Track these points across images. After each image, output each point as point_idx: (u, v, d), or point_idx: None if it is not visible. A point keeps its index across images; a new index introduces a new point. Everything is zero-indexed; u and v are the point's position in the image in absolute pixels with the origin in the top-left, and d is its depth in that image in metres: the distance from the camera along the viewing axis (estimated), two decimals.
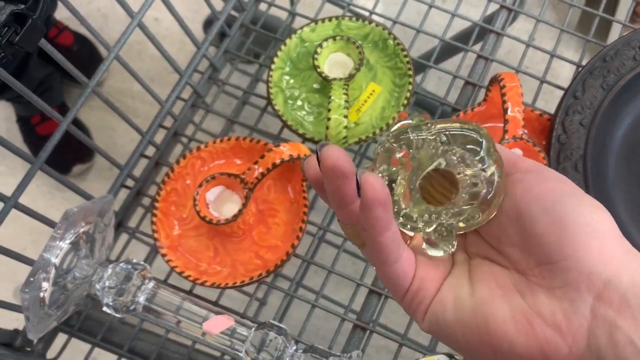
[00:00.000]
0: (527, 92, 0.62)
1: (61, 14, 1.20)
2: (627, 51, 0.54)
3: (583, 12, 0.66)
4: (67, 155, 1.12)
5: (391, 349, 0.54)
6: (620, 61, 0.54)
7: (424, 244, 0.30)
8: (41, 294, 0.44)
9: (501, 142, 0.51)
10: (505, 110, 0.51)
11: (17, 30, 0.28)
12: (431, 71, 0.64)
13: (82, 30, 1.23)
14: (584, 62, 0.59)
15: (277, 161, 0.50)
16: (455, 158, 0.29)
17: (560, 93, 0.56)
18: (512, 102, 0.51)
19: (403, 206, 0.30)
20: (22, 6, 0.28)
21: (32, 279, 0.43)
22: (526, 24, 1.16)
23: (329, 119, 0.52)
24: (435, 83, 1.16)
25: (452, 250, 0.30)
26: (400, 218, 0.30)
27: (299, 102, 0.59)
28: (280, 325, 0.49)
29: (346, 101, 0.53)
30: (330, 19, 0.61)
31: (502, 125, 0.52)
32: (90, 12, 1.27)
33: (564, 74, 1.12)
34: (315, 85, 0.60)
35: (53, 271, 0.45)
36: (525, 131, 0.52)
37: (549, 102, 1.05)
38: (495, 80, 0.53)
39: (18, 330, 0.53)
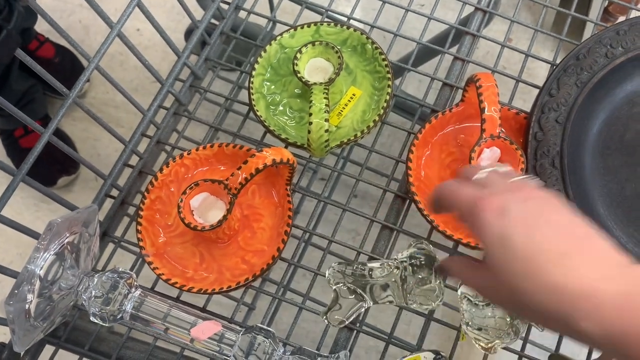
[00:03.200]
0: (505, 92, 0.63)
1: (42, 26, 1.20)
2: (599, 49, 0.56)
3: (558, 12, 0.68)
4: (53, 167, 1.12)
5: (380, 349, 0.54)
6: (593, 59, 0.55)
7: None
8: (26, 306, 0.44)
9: (479, 141, 0.52)
10: (482, 110, 0.52)
11: None
12: (412, 73, 0.65)
13: (64, 42, 1.23)
14: (558, 61, 0.60)
15: (260, 166, 0.51)
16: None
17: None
18: (489, 101, 0.52)
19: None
20: None
21: (16, 291, 0.43)
22: (503, 25, 1.18)
23: (310, 123, 0.53)
24: (416, 86, 1.17)
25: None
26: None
27: (281, 108, 0.60)
28: (268, 328, 0.49)
29: (327, 105, 0.54)
30: (309, 25, 0.61)
31: (479, 124, 0.53)
32: (71, 24, 1.27)
33: (541, 73, 1.14)
34: (296, 91, 0.60)
35: (38, 282, 0.45)
36: (503, 130, 0.53)
37: (527, 101, 1.07)
38: (471, 80, 0.54)
39: (4, 344, 0.53)
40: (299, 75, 0.56)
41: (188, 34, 1.16)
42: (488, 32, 0.67)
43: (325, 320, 0.51)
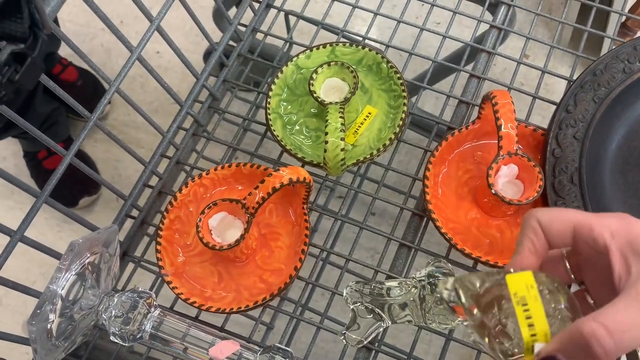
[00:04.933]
0: (523, 108, 0.63)
1: (65, 50, 1.23)
2: (616, 64, 0.55)
3: (575, 28, 0.68)
4: (74, 188, 1.14)
5: None
6: (610, 74, 0.55)
7: None
8: (48, 326, 0.45)
9: (496, 158, 0.52)
10: (498, 127, 0.52)
11: (17, 69, 0.30)
12: (429, 91, 0.65)
13: (87, 65, 1.26)
14: (575, 77, 0.60)
15: (277, 185, 0.51)
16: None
17: None
18: (505, 118, 0.52)
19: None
20: (22, 45, 0.30)
21: (38, 310, 0.43)
22: (519, 41, 1.18)
23: (326, 142, 0.54)
24: (433, 103, 1.17)
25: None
26: None
27: (297, 127, 0.61)
28: (286, 348, 0.49)
29: (342, 124, 0.54)
30: (324, 45, 0.62)
31: (496, 142, 0.53)
32: (94, 48, 1.30)
33: (559, 89, 1.13)
34: (312, 110, 0.61)
35: (59, 302, 0.45)
36: (520, 147, 0.53)
37: (546, 117, 1.06)
38: (487, 98, 0.54)
39: None
40: (315, 95, 0.57)
41: (206, 55, 1.18)
42: (505, 49, 0.67)
43: (344, 340, 0.51)
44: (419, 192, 0.59)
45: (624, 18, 0.95)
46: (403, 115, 0.57)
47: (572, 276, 0.38)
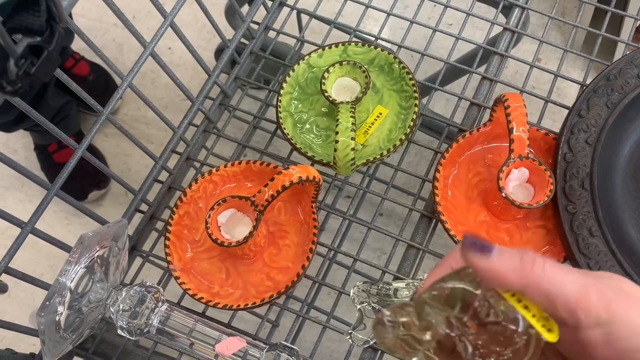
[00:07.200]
0: (534, 112, 0.63)
1: (78, 44, 1.23)
2: (631, 69, 0.55)
3: (588, 32, 0.67)
4: (84, 182, 1.15)
5: None
6: (624, 79, 0.55)
7: None
8: (57, 318, 0.45)
9: (507, 161, 0.52)
10: (510, 130, 0.52)
11: (33, 62, 0.30)
12: (439, 92, 0.65)
13: (98, 60, 1.27)
14: (588, 81, 0.60)
15: (287, 183, 0.51)
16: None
17: None
18: (517, 122, 0.52)
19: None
20: (39, 38, 0.30)
21: (47, 302, 0.44)
22: (532, 45, 1.17)
23: (337, 142, 0.54)
24: (444, 104, 1.17)
25: None
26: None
27: (308, 126, 0.61)
28: (292, 346, 0.49)
29: (353, 124, 0.54)
30: (337, 44, 0.62)
31: (507, 145, 0.53)
32: (106, 43, 1.31)
33: (571, 92, 1.12)
34: (323, 109, 0.61)
35: (68, 295, 0.46)
36: (531, 150, 0.53)
37: (557, 121, 1.05)
38: (499, 100, 0.54)
39: (34, 354, 0.54)
40: (326, 94, 0.57)
41: (218, 52, 1.18)
42: (517, 52, 0.67)
43: (350, 340, 0.51)
44: (428, 194, 0.59)
45: (638, 23, 0.94)
46: (414, 116, 0.57)
47: None
